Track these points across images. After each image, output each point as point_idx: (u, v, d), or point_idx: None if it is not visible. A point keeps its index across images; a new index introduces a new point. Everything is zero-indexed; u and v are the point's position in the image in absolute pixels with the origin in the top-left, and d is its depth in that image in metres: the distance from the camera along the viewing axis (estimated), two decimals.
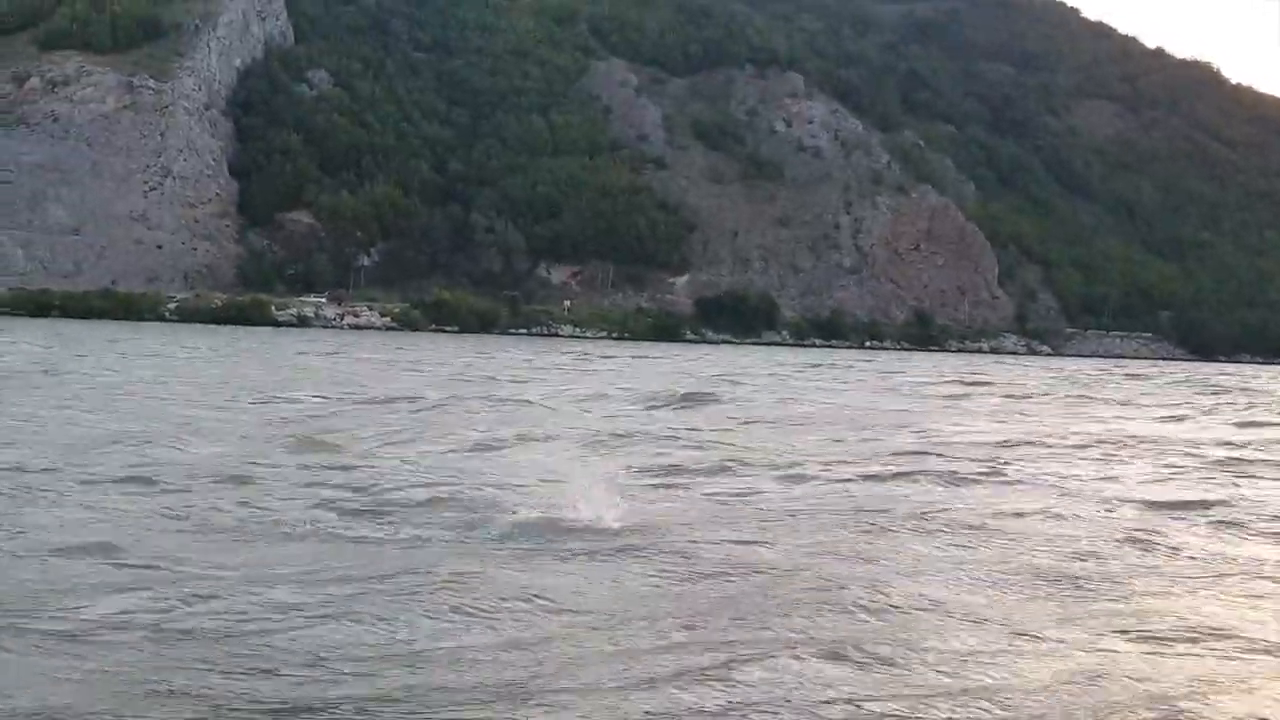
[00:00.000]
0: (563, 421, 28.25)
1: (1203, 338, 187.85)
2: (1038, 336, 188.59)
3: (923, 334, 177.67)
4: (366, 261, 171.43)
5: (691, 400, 37.78)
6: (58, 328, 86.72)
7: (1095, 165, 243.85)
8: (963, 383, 58.26)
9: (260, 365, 51.19)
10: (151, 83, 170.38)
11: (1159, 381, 72.96)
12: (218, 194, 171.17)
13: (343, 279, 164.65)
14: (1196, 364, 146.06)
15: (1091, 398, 50.05)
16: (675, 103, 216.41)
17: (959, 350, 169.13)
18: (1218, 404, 48.80)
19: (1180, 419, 37.82)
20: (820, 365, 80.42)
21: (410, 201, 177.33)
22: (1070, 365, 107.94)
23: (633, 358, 76.43)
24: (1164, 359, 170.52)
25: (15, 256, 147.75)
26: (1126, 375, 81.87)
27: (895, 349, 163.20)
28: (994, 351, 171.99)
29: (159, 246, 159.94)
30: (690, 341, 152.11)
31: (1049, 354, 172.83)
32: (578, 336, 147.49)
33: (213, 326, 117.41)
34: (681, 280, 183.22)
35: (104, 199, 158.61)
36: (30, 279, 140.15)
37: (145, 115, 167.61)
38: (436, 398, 34.98)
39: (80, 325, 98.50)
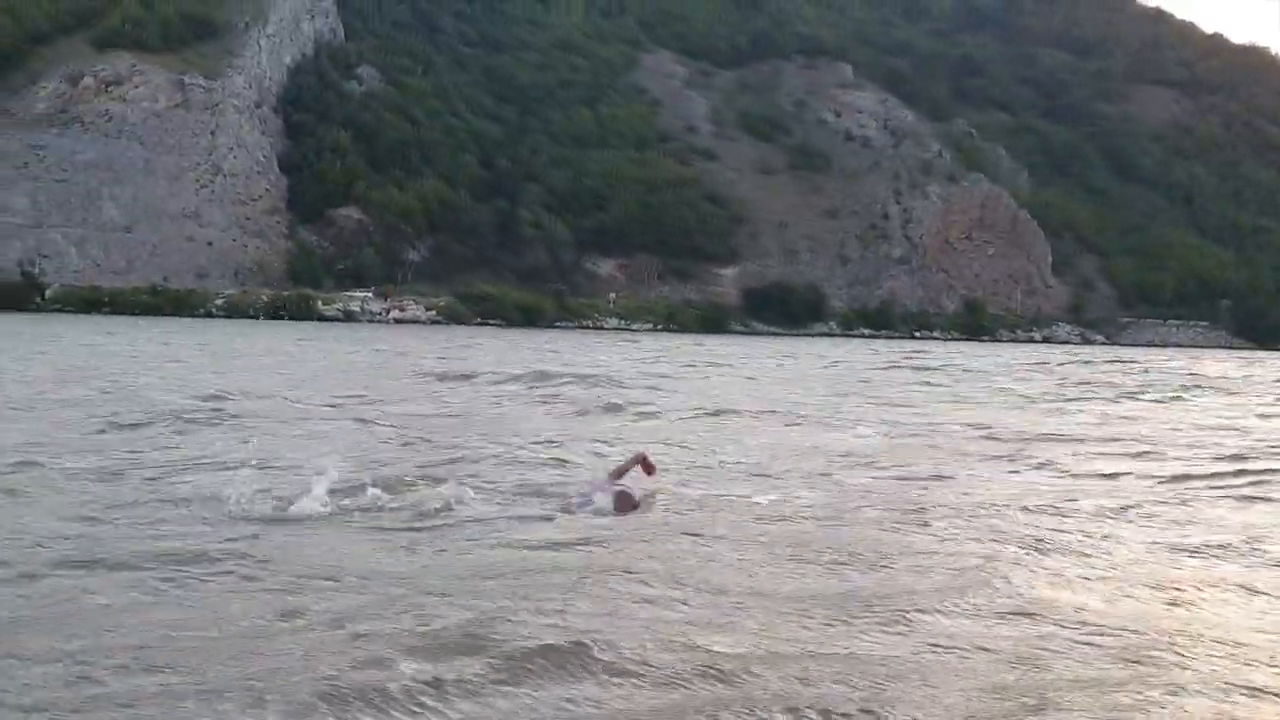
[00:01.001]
0: None
1: (1261, 326, 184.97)
2: (1092, 325, 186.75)
3: (973, 323, 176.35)
4: (414, 256, 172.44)
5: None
6: (96, 324, 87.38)
7: (1152, 152, 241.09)
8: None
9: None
10: (202, 81, 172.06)
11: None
12: (268, 190, 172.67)
13: (391, 274, 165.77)
14: (1257, 353, 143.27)
15: None
16: (723, 95, 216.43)
17: (1010, 340, 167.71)
18: None
19: None
20: (923, 356, 74.16)
21: (458, 196, 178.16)
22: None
23: (770, 356, 68.33)
24: (1221, 348, 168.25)
25: (69, 254, 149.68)
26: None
27: (946, 339, 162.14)
28: (1046, 341, 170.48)
29: (210, 244, 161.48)
30: (737, 334, 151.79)
31: (1103, 343, 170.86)
32: (622, 329, 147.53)
33: (259, 322, 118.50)
34: (729, 272, 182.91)
35: (156, 197, 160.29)
36: (83, 276, 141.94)
37: (196, 113, 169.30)
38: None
39: (117, 321, 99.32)
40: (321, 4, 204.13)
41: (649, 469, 12.95)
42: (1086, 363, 69.67)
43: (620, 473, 12.90)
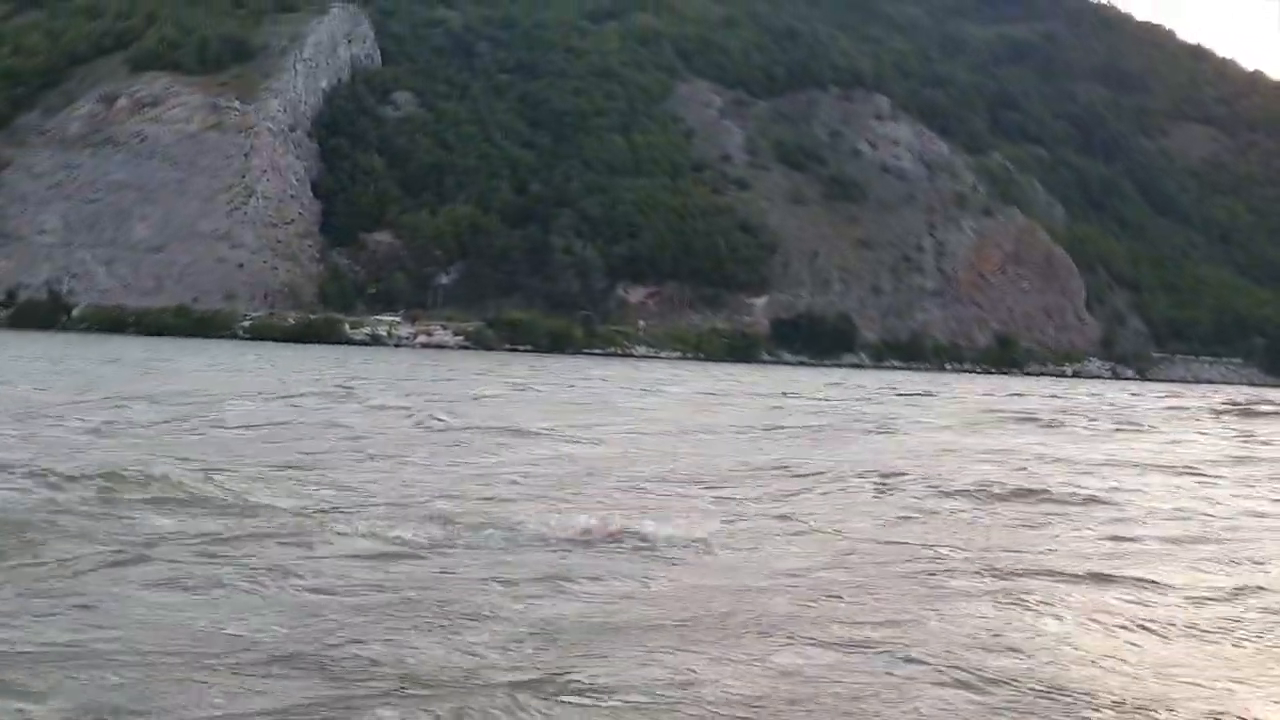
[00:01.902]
0: None
1: None
2: (1123, 361, 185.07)
3: (1004, 356, 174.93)
4: (445, 280, 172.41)
5: None
6: (114, 344, 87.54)
7: (1189, 188, 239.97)
8: None
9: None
10: (237, 104, 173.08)
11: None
12: (300, 214, 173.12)
13: (422, 298, 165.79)
14: None
15: None
16: (758, 124, 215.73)
17: (1040, 374, 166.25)
18: None
19: None
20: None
21: (490, 221, 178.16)
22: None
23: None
24: (1252, 384, 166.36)
25: (98, 274, 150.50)
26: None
27: (975, 372, 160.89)
28: (1077, 375, 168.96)
29: (240, 265, 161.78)
30: (766, 363, 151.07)
31: (1133, 378, 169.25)
32: (650, 357, 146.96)
33: (284, 345, 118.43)
34: (760, 301, 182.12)
35: (188, 218, 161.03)
36: (111, 296, 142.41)
37: (230, 136, 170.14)
38: None
39: (139, 341, 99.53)
40: (359, 29, 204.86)
41: None
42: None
43: None
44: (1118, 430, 38.41)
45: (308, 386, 42.94)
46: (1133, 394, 77.65)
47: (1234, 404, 65.15)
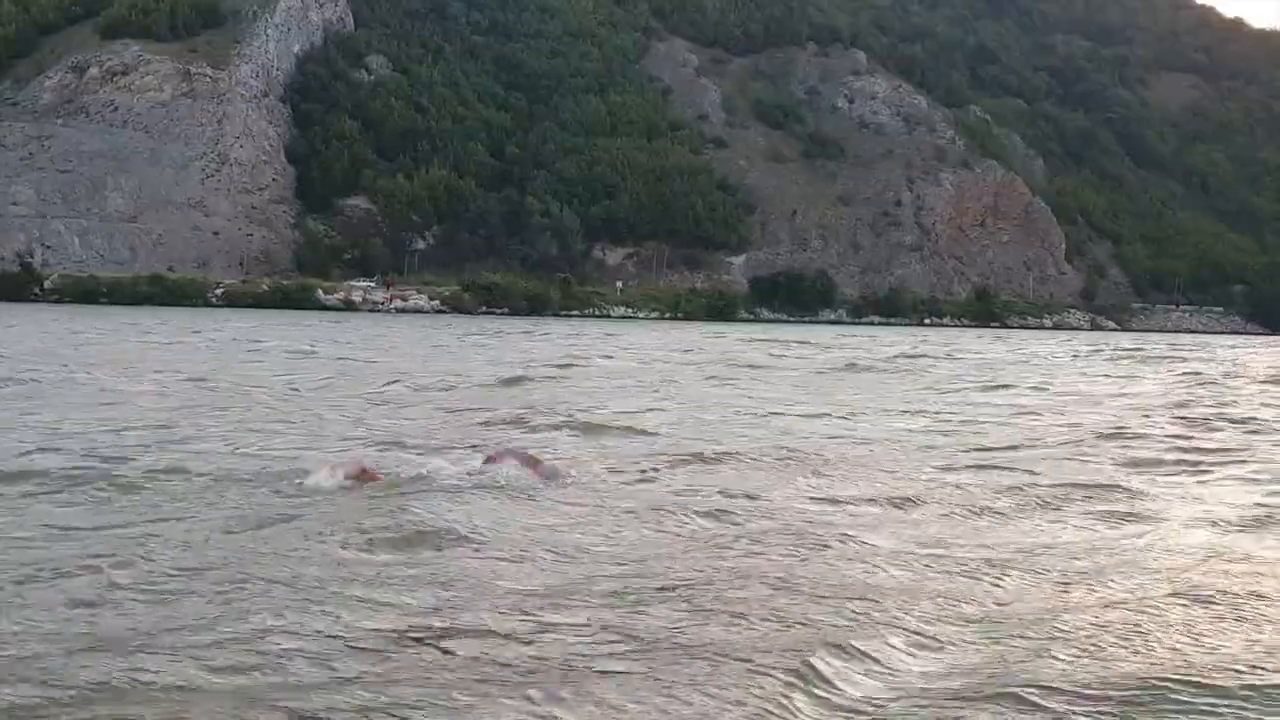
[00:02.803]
0: None
1: (1275, 311, 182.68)
2: (1103, 312, 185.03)
3: (983, 310, 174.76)
4: (422, 245, 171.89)
5: None
6: (78, 313, 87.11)
7: (1169, 138, 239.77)
8: None
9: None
10: (209, 70, 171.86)
11: None
12: (275, 180, 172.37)
13: (399, 263, 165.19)
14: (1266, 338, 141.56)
15: None
16: (736, 82, 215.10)
17: (1020, 326, 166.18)
18: None
19: None
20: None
21: (466, 185, 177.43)
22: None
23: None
24: (1234, 333, 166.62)
25: (72, 245, 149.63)
26: None
27: (955, 325, 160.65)
28: (1057, 328, 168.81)
29: (216, 233, 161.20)
30: (745, 321, 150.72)
31: (1114, 329, 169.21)
32: (629, 318, 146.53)
33: (257, 311, 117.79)
34: (739, 260, 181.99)
35: (161, 187, 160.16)
36: (85, 267, 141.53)
37: (203, 103, 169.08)
38: None
39: (108, 311, 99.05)
40: None
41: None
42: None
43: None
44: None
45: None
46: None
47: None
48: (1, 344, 40.96)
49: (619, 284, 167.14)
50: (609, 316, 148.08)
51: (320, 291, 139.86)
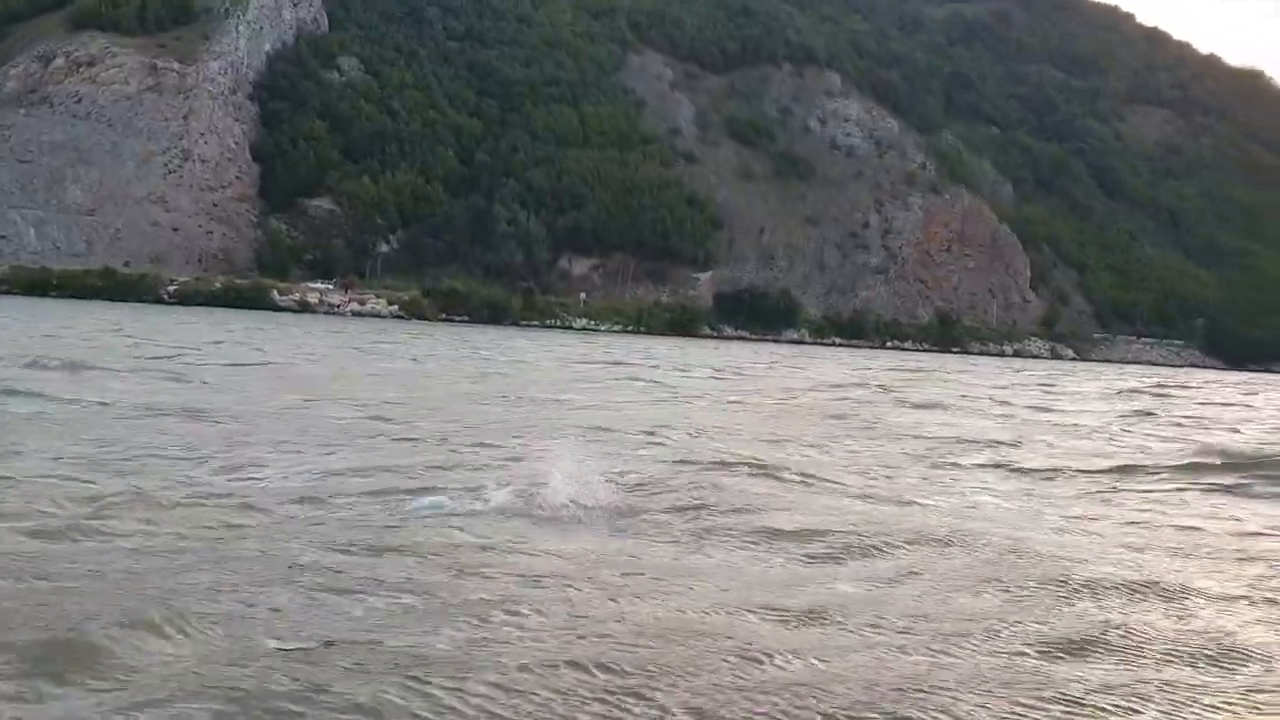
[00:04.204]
0: None
1: (1233, 346, 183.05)
2: (1063, 340, 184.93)
3: (945, 334, 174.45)
4: (385, 249, 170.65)
5: None
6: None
7: (1141, 171, 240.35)
8: None
9: None
10: (176, 65, 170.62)
11: None
12: (238, 178, 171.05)
13: (360, 266, 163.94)
14: (1219, 372, 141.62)
15: None
16: (710, 98, 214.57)
17: (980, 353, 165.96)
18: None
19: None
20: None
21: (432, 190, 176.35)
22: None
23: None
24: (1192, 365, 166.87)
25: (27, 236, 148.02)
26: None
27: (918, 350, 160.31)
28: (1017, 355, 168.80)
29: (175, 229, 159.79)
30: (706, 337, 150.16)
31: (1073, 359, 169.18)
32: (591, 330, 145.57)
33: (210, 309, 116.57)
34: (705, 276, 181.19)
35: (122, 180, 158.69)
36: (40, 259, 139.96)
37: (168, 98, 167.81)
38: None
39: (41, 305, 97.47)
40: None
41: None
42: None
43: None
44: None
45: None
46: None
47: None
48: None
49: (582, 295, 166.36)
50: (570, 328, 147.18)
51: (275, 292, 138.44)
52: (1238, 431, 28.24)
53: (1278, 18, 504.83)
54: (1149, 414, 34.24)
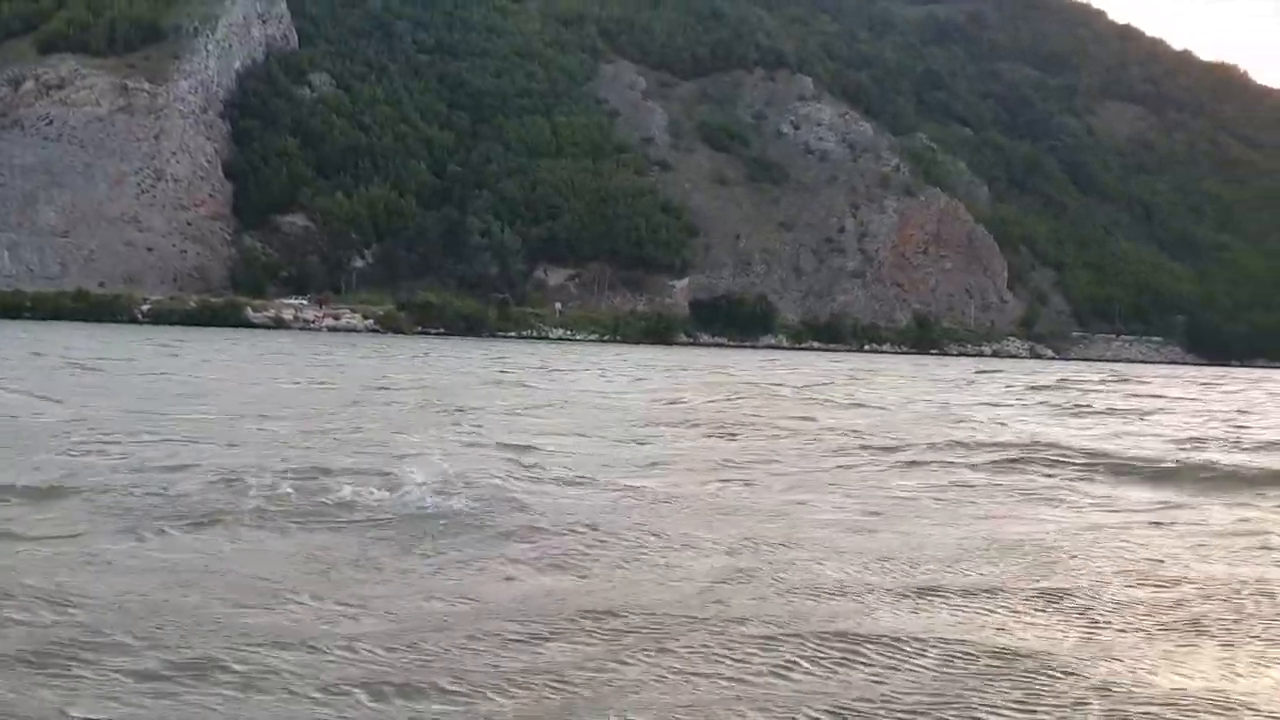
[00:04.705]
0: None
1: (1214, 341, 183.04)
2: (1042, 340, 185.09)
3: (923, 337, 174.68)
4: (360, 264, 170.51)
5: None
6: None
7: (1113, 167, 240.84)
8: None
9: None
10: (146, 85, 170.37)
11: None
12: (211, 196, 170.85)
13: (335, 282, 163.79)
14: (1200, 368, 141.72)
15: None
16: (683, 105, 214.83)
17: (959, 354, 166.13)
18: None
19: None
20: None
21: (406, 203, 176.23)
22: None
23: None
24: (1172, 362, 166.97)
25: (1, 259, 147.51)
26: None
27: (895, 353, 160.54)
28: (996, 355, 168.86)
29: (149, 249, 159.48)
30: (683, 344, 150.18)
31: (1052, 358, 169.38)
32: (567, 339, 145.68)
33: (185, 329, 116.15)
34: (681, 284, 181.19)
35: (95, 201, 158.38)
36: (14, 282, 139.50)
37: (139, 118, 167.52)
38: None
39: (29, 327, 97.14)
40: (275, 9, 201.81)
41: None
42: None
43: None
44: None
45: None
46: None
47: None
48: None
49: (558, 305, 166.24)
50: (547, 338, 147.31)
51: (250, 309, 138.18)
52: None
53: (1249, 11, 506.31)
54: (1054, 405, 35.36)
